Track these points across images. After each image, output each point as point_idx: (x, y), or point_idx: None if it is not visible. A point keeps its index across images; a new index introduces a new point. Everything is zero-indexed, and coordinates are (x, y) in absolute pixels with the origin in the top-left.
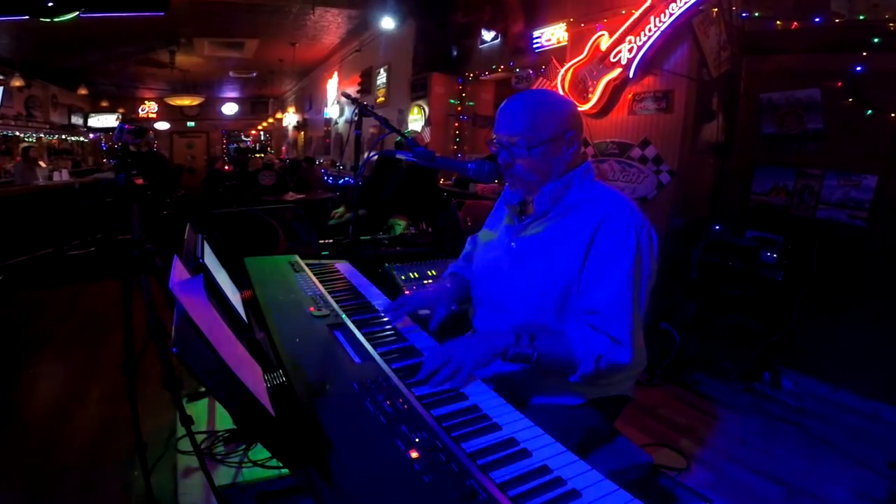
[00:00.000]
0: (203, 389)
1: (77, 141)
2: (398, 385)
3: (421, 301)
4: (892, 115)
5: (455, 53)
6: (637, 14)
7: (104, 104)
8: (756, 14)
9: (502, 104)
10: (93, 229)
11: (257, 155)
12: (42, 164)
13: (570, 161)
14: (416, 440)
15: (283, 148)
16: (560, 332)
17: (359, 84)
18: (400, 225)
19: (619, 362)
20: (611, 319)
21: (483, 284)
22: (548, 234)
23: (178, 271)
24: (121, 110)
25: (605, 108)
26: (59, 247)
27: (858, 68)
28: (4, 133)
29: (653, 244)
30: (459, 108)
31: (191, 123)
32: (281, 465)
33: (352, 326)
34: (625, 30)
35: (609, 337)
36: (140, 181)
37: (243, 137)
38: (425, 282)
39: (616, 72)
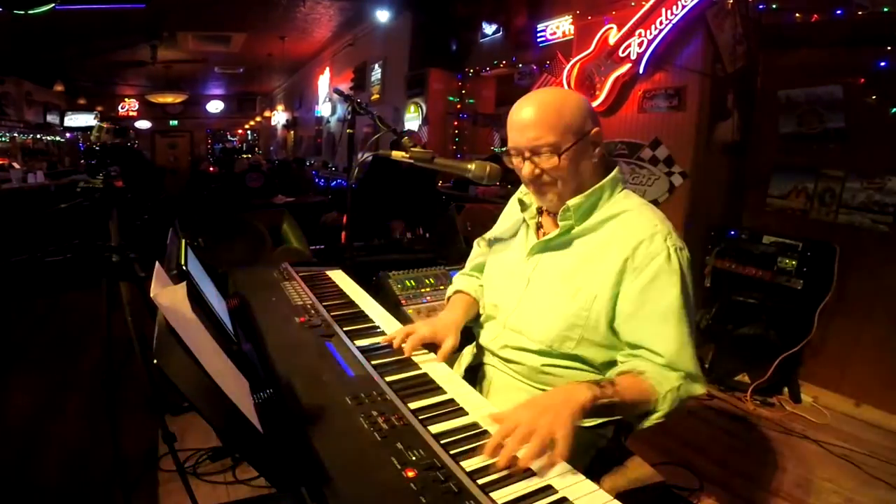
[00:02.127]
0: (187, 405)
1: (53, 140)
2: (393, 400)
3: (430, 333)
4: None
5: (454, 48)
6: (647, 6)
7: (82, 102)
8: (774, 6)
9: (512, 113)
10: (70, 234)
11: (244, 155)
12: (16, 165)
13: (598, 162)
14: (413, 458)
15: (271, 148)
16: (631, 370)
17: (352, 80)
18: (396, 231)
19: (693, 394)
20: (675, 359)
21: (497, 300)
22: (573, 256)
23: (160, 279)
24: (99, 108)
25: (613, 105)
26: (33, 253)
27: (882, 64)
28: None
29: (690, 264)
30: (459, 106)
31: (174, 122)
32: (269, 484)
33: (344, 338)
34: (634, 23)
35: (683, 372)
36: (120, 183)
37: (229, 137)
38: (423, 290)
39: (625, 67)
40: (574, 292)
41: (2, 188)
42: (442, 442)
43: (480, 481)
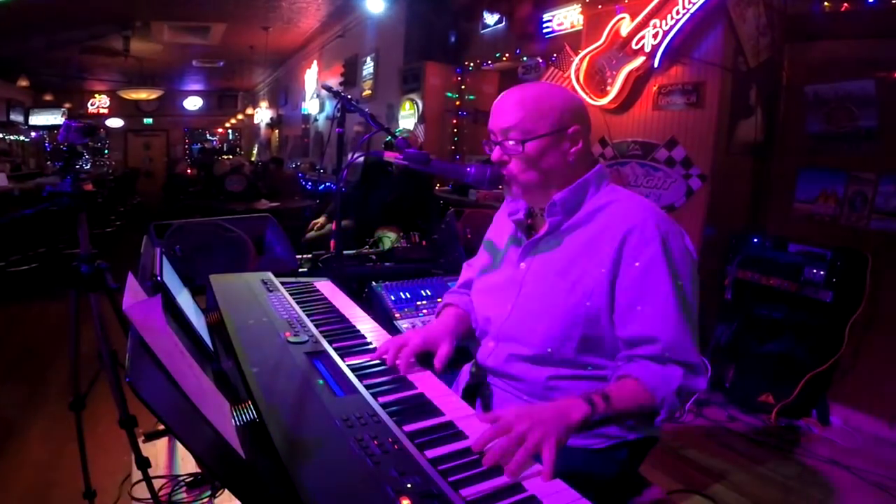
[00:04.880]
0: (162, 427)
1: (17, 140)
2: (387, 422)
3: (422, 341)
4: None
5: (453, 39)
6: None
7: (48, 98)
8: None
9: (497, 98)
10: (35, 242)
11: (225, 157)
12: None
13: (574, 162)
14: (408, 485)
15: (255, 149)
16: (626, 376)
17: (342, 75)
18: (389, 238)
19: (696, 388)
20: (674, 345)
21: (488, 313)
22: (564, 252)
23: (133, 291)
24: (67, 105)
25: (625, 102)
26: None
27: None
28: None
29: (689, 249)
30: (458, 103)
31: (148, 120)
32: None
33: (334, 355)
34: (649, 12)
35: (680, 364)
36: (90, 187)
37: (209, 136)
38: (418, 303)
39: (639, 61)
40: (570, 288)
41: None
42: (440, 468)
43: None
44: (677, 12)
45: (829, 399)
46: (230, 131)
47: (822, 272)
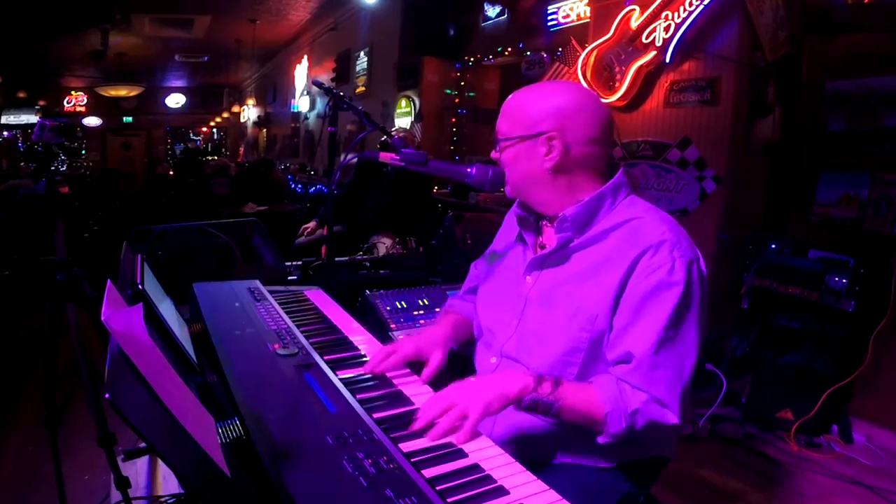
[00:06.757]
0: (143, 445)
1: None
2: (382, 439)
3: (415, 350)
4: None
5: (452, 33)
6: None
7: (21, 95)
8: None
9: None
10: (8, 249)
11: (209, 157)
12: None
13: (556, 169)
14: None
15: (241, 149)
16: (590, 382)
17: (334, 70)
18: (384, 244)
19: (662, 420)
20: (648, 373)
21: (491, 325)
22: (574, 269)
23: (113, 300)
24: (42, 103)
25: (635, 99)
26: None
27: None
28: None
29: (704, 281)
30: (457, 100)
31: (128, 119)
32: None
33: (325, 368)
34: (660, 4)
35: (647, 395)
36: (66, 189)
37: (192, 136)
38: (415, 312)
39: (649, 55)
40: (573, 312)
41: None
42: (438, 488)
43: None
44: (690, 4)
45: (852, 415)
46: (215, 130)
47: (844, 280)
